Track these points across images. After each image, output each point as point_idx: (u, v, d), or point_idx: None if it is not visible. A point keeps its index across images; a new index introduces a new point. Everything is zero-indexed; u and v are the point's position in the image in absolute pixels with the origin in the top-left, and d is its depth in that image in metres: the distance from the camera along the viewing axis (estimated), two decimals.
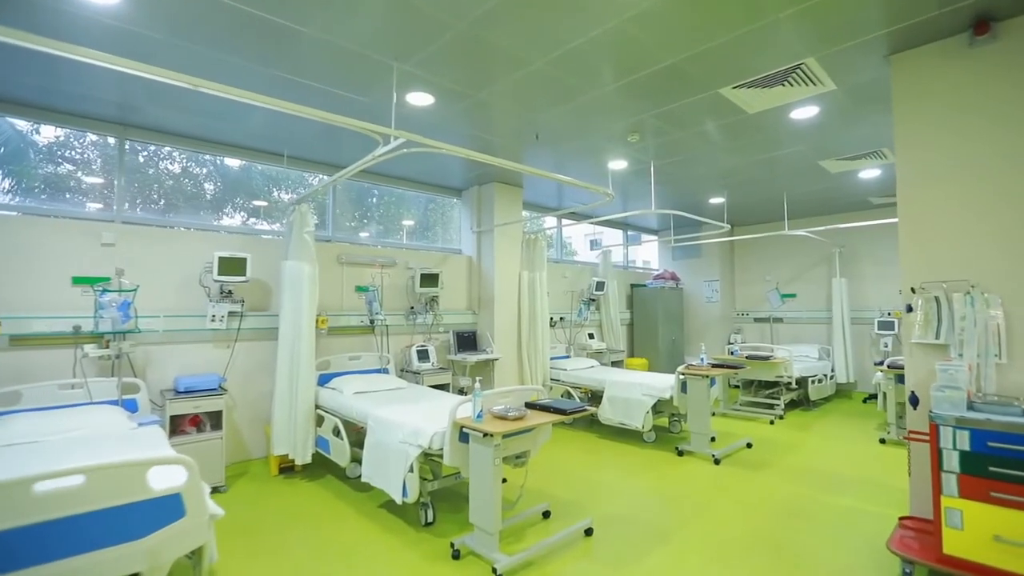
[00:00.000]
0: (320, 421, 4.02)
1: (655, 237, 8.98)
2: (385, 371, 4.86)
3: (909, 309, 2.76)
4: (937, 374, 2.42)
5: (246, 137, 4.25)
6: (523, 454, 3.19)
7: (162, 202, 4.24)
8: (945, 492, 2.29)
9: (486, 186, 5.84)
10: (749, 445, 4.81)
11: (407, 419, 3.18)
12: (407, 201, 5.96)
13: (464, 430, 2.78)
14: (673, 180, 5.65)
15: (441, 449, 2.85)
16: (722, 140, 4.36)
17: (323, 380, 4.41)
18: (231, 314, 4.10)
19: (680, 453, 4.55)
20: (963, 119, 2.68)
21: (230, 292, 4.07)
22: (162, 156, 4.28)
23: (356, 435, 3.70)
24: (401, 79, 3.18)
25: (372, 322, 4.93)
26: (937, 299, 2.67)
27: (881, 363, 6.87)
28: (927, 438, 2.43)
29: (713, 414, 6.07)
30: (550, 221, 7.30)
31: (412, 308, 5.33)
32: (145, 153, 4.16)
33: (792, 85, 3.33)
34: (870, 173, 5.39)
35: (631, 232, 8.81)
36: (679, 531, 3.05)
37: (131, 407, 3.50)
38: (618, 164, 5.03)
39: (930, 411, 2.34)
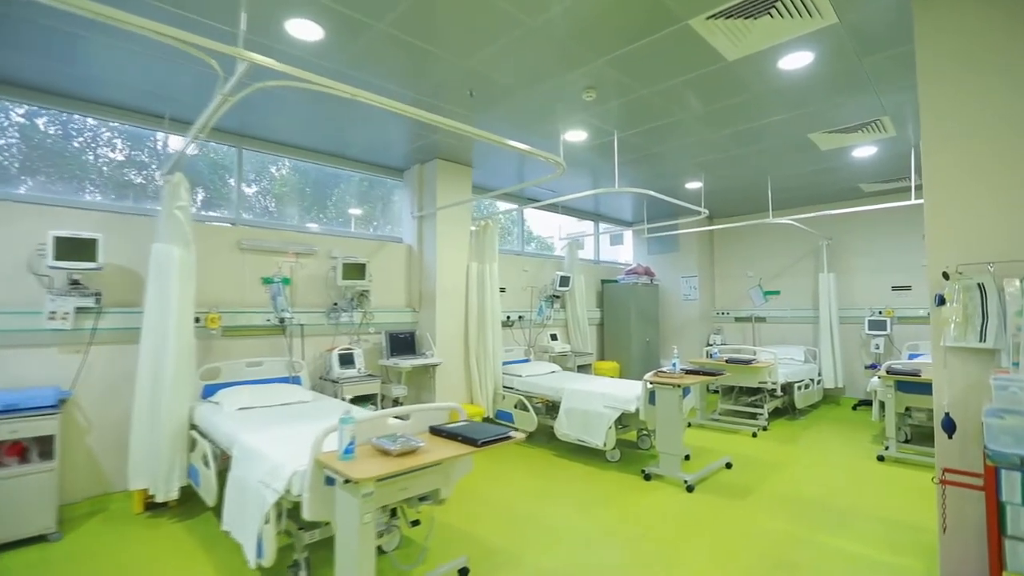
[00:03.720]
0: (194, 445, 3.18)
1: (628, 229, 8.26)
2: (295, 380, 4.03)
3: (941, 301, 2.04)
4: (992, 392, 1.70)
5: (112, 90, 3.38)
6: (431, 494, 2.41)
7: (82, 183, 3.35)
8: (1010, 567, 1.56)
9: (429, 164, 5.05)
10: (728, 465, 4.08)
11: (273, 449, 2.37)
12: (357, 189, 5.15)
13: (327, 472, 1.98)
14: (642, 159, 4.92)
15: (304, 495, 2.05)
16: (697, 102, 3.63)
17: (208, 392, 3.57)
18: (81, 310, 3.24)
19: (647, 477, 3.81)
20: (1013, 48, 1.98)
21: (77, 282, 3.21)
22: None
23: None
24: None
25: (282, 321, 4.10)
26: (981, 287, 1.95)
27: (873, 367, 6.24)
28: (978, 483, 1.71)
29: (689, 425, 5.38)
30: (504, 205, 6.51)
31: (335, 305, 4.51)
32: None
33: (782, 16, 2.60)
34: (865, 151, 4.72)
35: (613, 230, 8.07)
36: None
37: None
38: (576, 135, 4.27)
39: (986, 447, 1.61)
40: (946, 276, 2.04)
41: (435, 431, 2.31)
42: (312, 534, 2.44)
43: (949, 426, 1.96)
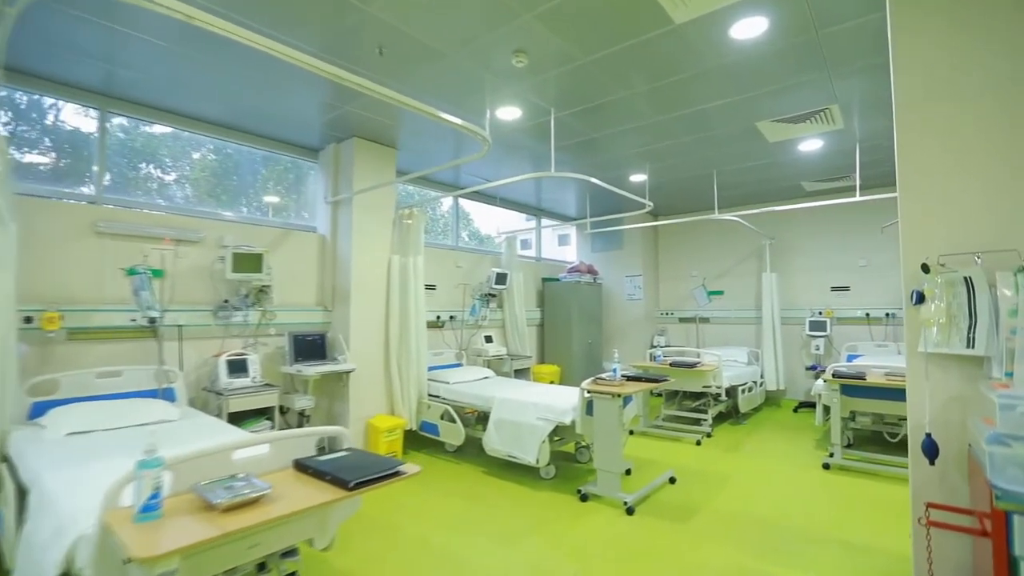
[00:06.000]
0: (2, 484, 2.46)
1: (571, 224, 7.91)
2: (167, 393, 3.33)
3: (920, 299, 1.70)
4: (996, 411, 1.34)
5: None
6: (309, 542, 1.85)
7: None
8: None
9: (346, 143, 4.43)
10: (672, 480, 3.73)
11: (73, 495, 1.74)
12: (269, 172, 4.49)
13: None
14: (583, 145, 4.52)
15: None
16: (640, 76, 3.25)
17: (38, 412, 2.83)
18: None
19: (584, 498, 3.38)
20: (1001, 4, 1.67)
21: None
22: None
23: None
24: None
25: (152, 321, 3.38)
26: (968, 282, 1.62)
27: (814, 368, 6.17)
28: (975, 526, 1.35)
29: (631, 433, 5.03)
30: (443, 200, 5.97)
31: (226, 302, 3.82)
32: None
33: None
34: (811, 145, 4.53)
35: (555, 225, 7.69)
36: None
37: None
38: (510, 112, 3.80)
39: (993, 485, 1.25)
40: (925, 269, 1.70)
41: (300, 466, 1.76)
42: None
43: (931, 450, 1.62)
